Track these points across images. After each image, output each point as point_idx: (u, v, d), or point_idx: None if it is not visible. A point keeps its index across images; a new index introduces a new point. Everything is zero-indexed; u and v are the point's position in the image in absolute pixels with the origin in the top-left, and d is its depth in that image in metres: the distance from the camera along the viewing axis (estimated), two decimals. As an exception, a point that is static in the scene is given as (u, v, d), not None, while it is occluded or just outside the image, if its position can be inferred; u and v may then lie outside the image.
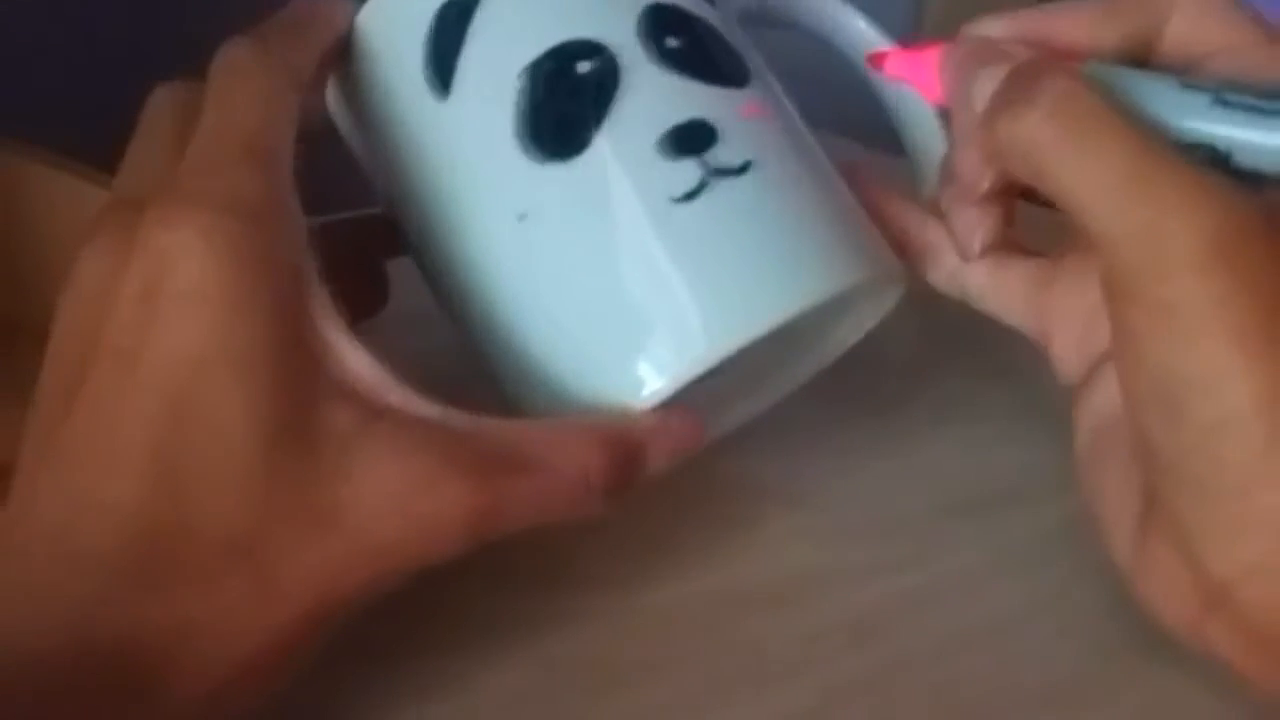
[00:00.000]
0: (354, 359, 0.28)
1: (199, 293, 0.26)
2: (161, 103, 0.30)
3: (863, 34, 0.36)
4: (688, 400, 0.32)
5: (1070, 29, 0.31)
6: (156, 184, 0.28)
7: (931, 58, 0.33)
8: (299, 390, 0.26)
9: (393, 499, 0.26)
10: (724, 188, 0.30)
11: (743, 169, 0.30)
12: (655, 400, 0.30)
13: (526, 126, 0.30)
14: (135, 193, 0.28)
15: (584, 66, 0.30)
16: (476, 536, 0.27)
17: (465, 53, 0.31)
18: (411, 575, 0.27)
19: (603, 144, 0.30)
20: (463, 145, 0.31)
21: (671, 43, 0.31)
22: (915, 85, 0.33)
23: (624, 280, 0.30)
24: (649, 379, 0.30)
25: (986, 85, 0.30)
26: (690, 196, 0.30)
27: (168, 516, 0.25)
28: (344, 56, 0.33)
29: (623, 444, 0.29)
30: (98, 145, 0.36)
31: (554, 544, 0.34)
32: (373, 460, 0.26)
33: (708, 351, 0.30)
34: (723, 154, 0.30)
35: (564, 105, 0.30)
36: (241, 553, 0.26)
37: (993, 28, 0.32)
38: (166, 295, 0.26)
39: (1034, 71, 0.29)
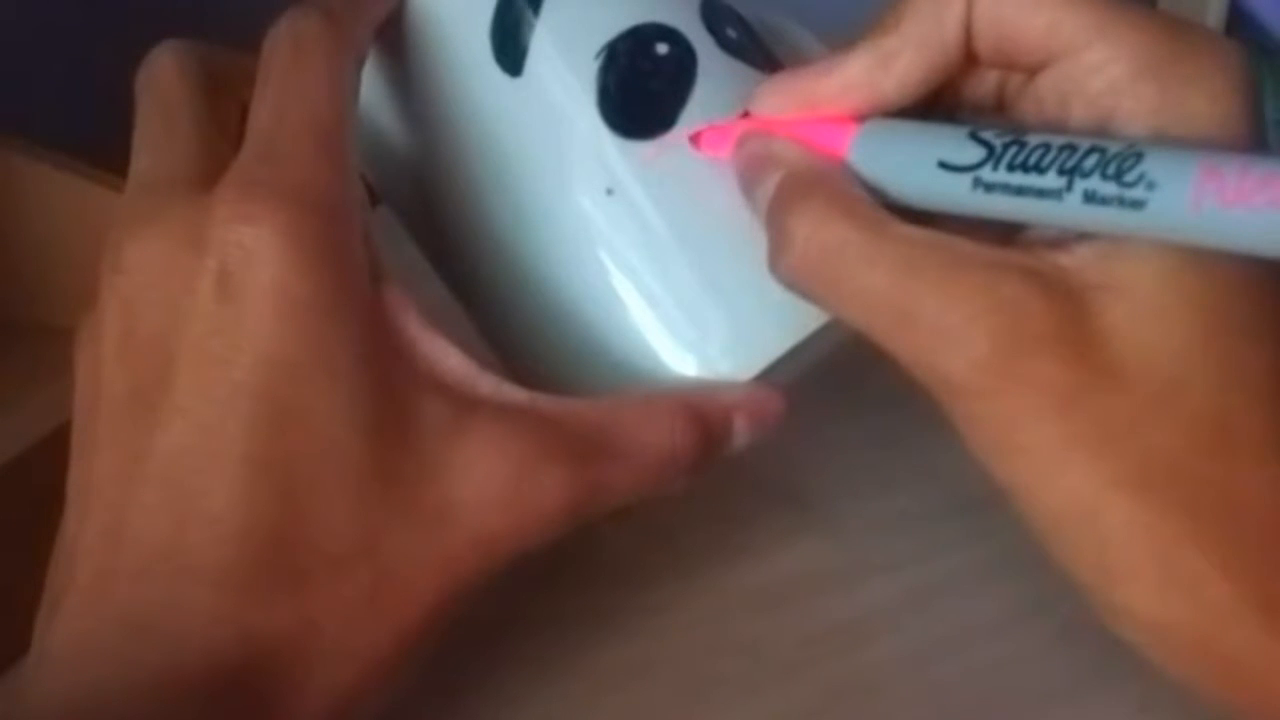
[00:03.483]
0: (440, 351, 0.27)
1: (285, 294, 0.25)
2: (169, 69, 0.29)
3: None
4: None
5: (843, 89, 0.28)
6: (199, 165, 0.27)
7: (734, 133, 0.30)
8: (394, 388, 0.26)
9: (497, 489, 0.26)
10: None
11: None
12: (749, 372, 0.30)
13: (610, 105, 0.30)
14: (170, 176, 0.27)
15: (662, 48, 0.31)
16: (577, 518, 0.27)
17: (538, 32, 0.31)
18: (513, 560, 0.27)
19: (687, 122, 0.30)
20: (539, 123, 0.31)
21: (730, 33, 0.32)
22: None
23: (711, 255, 0.30)
24: (733, 355, 0.30)
25: (761, 204, 0.28)
26: None
27: (280, 524, 0.25)
28: (387, 32, 0.32)
29: (709, 417, 0.29)
30: (98, 145, 0.36)
31: (551, 545, 0.34)
32: (474, 452, 0.26)
33: (804, 321, 0.30)
34: None
35: (648, 84, 0.30)
36: (361, 554, 0.25)
37: (771, 103, 0.29)
38: (251, 296, 0.25)
39: (786, 202, 0.27)
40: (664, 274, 0.30)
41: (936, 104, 0.28)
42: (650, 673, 0.32)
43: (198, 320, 0.25)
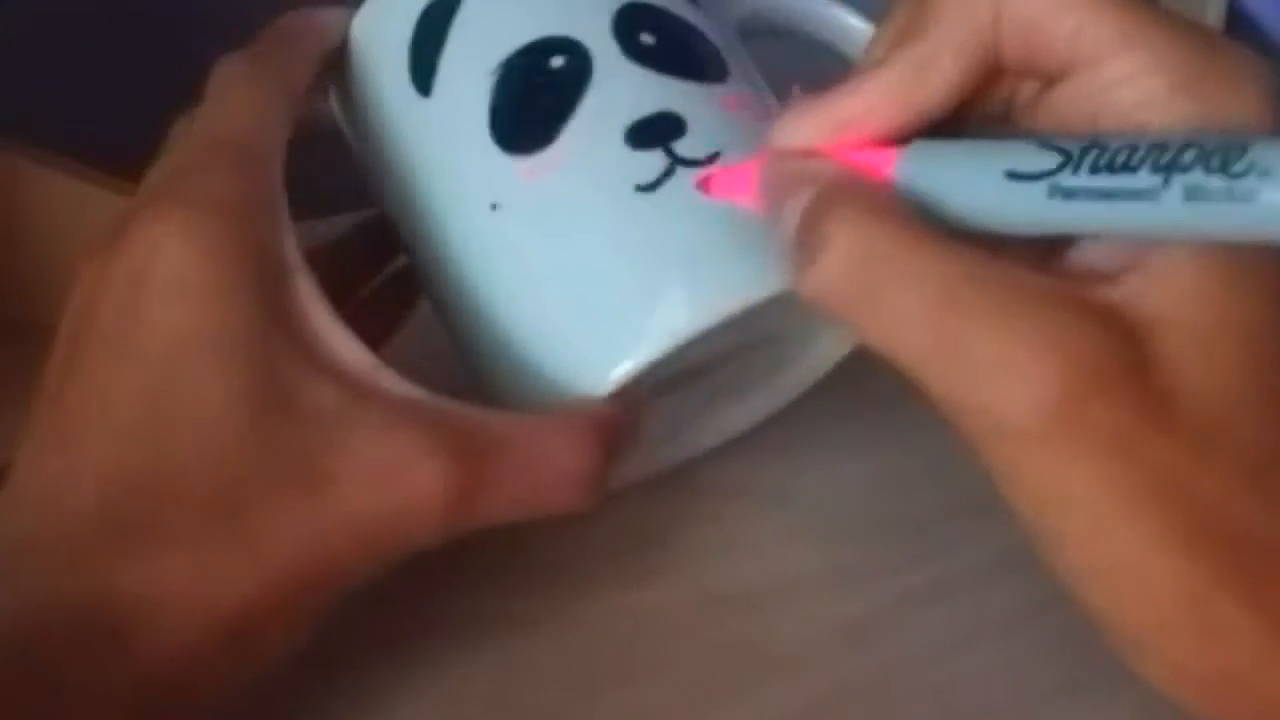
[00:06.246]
0: (342, 344, 0.29)
1: (179, 281, 0.27)
2: (178, 126, 0.32)
3: (852, 29, 0.37)
4: (675, 407, 0.32)
5: (875, 107, 0.26)
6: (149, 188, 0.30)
7: (751, 173, 0.29)
8: (283, 369, 0.27)
9: (376, 472, 0.27)
10: (687, 177, 0.30)
11: (709, 159, 0.30)
12: (617, 385, 0.30)
13: (499, 120, 0.31)
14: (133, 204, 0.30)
15: (557, 61, 0.31)
16: (456, 518, 0.28)
17: (445, 53, 0.32)
18: (398, 561, 0.28)
19: (570, 136, 0.30)
20: (440, 140, 0.32)
21: (646, 39, 0.31)
22: (744, 202, 0.29)
23: (588, 267, 0.30)
24: (612, 363, 0.30)
25: (790, 223, 0.26)
26: (653, 186, 0.30)
27: (147, 477, 0.27)
28: (340, 65, 0.34)
29: (598, 432, 0.29)
30: (98, 145, 0.36)
31: (551, 544, 0.34)
32: (360, 435, 0.27)
33: (667, 335, 0.30)
34: (689, 145, 0.30)
35: (536, 99, 0.31)
36: (224, 514, 0.26)
37: (799, 133, 0.27)
38: (151, 283, 0.27)
39: (821, 211, 0.25)
40: (544, 287, 0.30)
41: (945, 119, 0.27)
42: (650, 673, 0.32)
43: (110, 307, 0.28)
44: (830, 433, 0.39)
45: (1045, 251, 0.26)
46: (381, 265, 0.38)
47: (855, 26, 0.36)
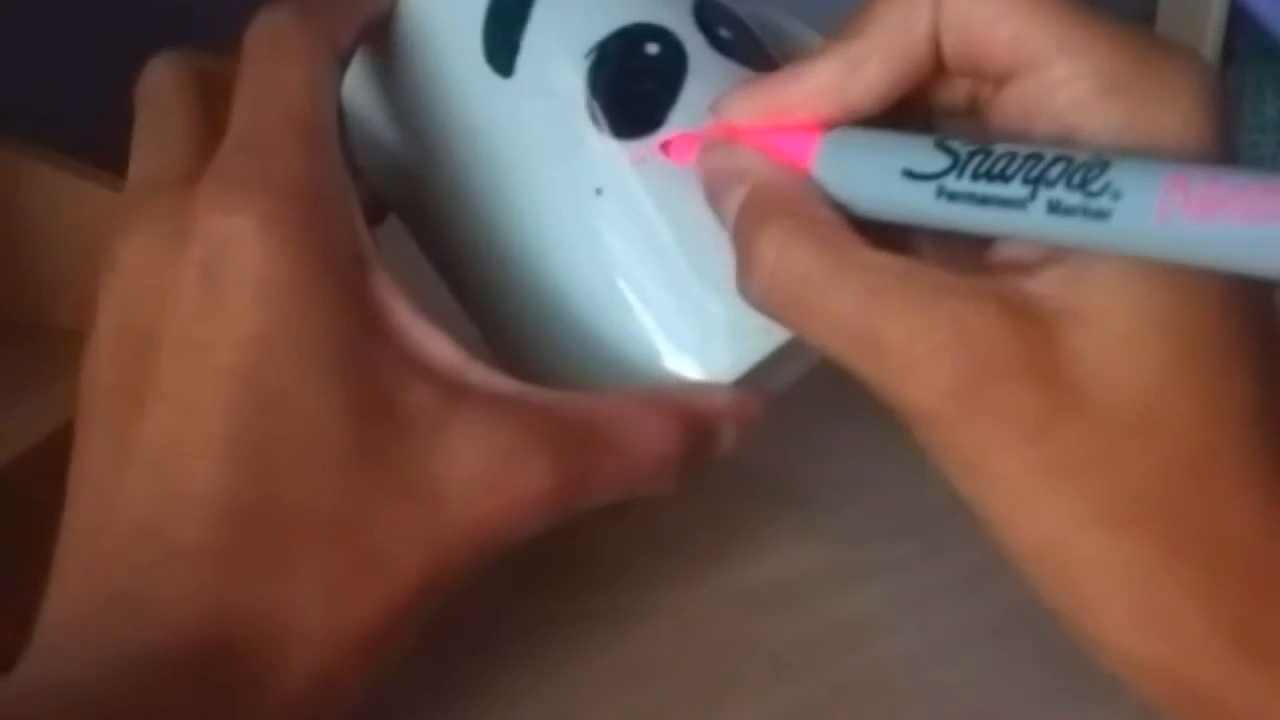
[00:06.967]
0: (429, 340, 0.27)
1: (261, 279, 0.25)
2: (164, 76, 0.30)
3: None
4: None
5: (810, 96, 0.28)
6: (190, 164, 0.27)
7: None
8: (377, 372, 0.26)
9: (483, 474, 0.26)
10: None
11: None
12: (732, 374, 0.30)
13: (599, 104, 0.30)
14: (162, 176, 0.28)
15: (652, 48, 0.31)
16: (561, 510, 0.27)
17: (529, 31, 0.31)
18: (499, 553, 0.27)
19: (676, 121, 0.30)
20: (528, 123, 0.31)
21: (724, 32, 0.32)
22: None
23: (699, 256, 0.30)
24: (724, 354, 0.30)
25: (726, 217, 0.28)
26: None
27: (258, 501, 0.25)
28: (380, 33, 0.32)
29: (698, 417, 0.29)
30: (98, 145, 0.36)
31: (552, 546, 0.34)
32: (461, 437, 0.26)
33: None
34: None
35: (637, 84, 0.31)
36: (341, 531, 0.25)
37: (737, 110, 0.29)
38: (229, 283, 0.25)
39: (752, 223, 0.27)
40: (650, 275, 0.30)
41: (908, 110, 0.28)
42: (651, 674, 0.32)
43: (182, 309, 0.26)
44: (832, 436, 0.39)
45: (974, 243, 0.27)
46: None
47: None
